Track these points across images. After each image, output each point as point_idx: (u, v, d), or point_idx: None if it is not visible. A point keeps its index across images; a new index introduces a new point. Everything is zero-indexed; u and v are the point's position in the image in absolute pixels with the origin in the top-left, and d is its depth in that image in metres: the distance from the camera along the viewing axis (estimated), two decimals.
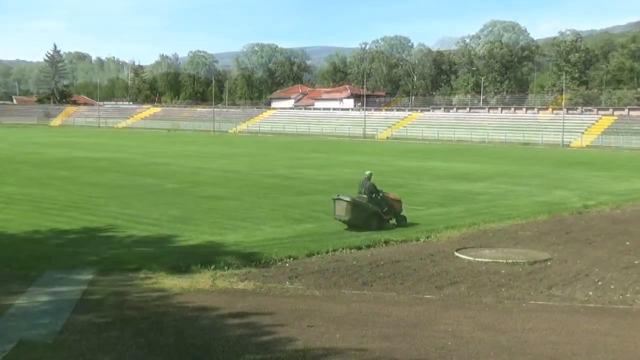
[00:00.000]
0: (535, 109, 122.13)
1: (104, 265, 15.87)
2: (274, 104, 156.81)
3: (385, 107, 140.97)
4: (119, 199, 28.06)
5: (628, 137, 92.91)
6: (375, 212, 22.50)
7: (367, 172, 23.65)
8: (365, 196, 22.65)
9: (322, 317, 12.14)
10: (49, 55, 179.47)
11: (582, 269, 16.81)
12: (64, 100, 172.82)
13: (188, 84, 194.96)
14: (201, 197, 29.12)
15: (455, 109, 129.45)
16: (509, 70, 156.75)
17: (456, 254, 18.30)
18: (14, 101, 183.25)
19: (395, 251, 18.66)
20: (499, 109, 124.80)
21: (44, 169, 41.33)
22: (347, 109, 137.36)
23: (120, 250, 17.79)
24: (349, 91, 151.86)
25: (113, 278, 14.93)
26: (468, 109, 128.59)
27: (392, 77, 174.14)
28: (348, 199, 22.12)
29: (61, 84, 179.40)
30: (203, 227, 21.53)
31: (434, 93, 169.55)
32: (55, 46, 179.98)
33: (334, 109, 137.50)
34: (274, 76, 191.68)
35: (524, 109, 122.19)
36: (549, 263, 17.53)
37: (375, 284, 15.05)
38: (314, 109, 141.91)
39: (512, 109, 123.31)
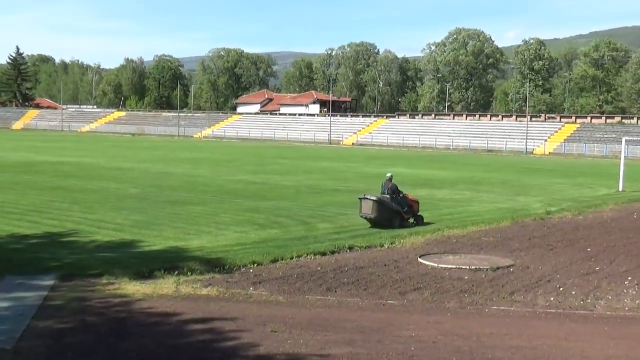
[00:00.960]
0: (500, 116, 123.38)
1: (65, 271, 15.66)
2: (240, 109, 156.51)
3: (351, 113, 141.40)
4: (81, 204, 27.77)
5: (590, 145, 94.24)
6: (397, 211, 24.04)
7: (389, 174, 25.48)
8: (388, 196, 24.10)
9: (285, 323, 12.12)
10: (11, 57, 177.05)
11: (544, 275, 16.97)
12: (27, 104, 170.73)
13: (153, 88, 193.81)
14: (165, 202, 28.92)
15: (420, 116, 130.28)
16: (473, 77, 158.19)
17: (420, 260, 18.38)
18: None
19: (359, 257, 18.68)
20: (464, 115, 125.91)
21: (4, 173, 40.76)
22: (313, 115, 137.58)
23: (82, 256, 17.58)
24: (314, 97, 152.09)
25: (75, 283, 14.76)
26: (433, 115, 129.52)
27: (358, 82, 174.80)
28: (374, 198, 23.62)
29: (24, 86, 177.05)
30: (167, 232, 21.38)
31: (399, 99, 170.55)
32: (17, 48, 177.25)
33: (299, 115, 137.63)
34: (239, 81, 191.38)
35: (489, 116, 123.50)
36: (511, 269, 17.67)
37: (339, 290, 15.06)
38: (280, 114, 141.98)
39: (477, 115, 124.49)
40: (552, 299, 14.76)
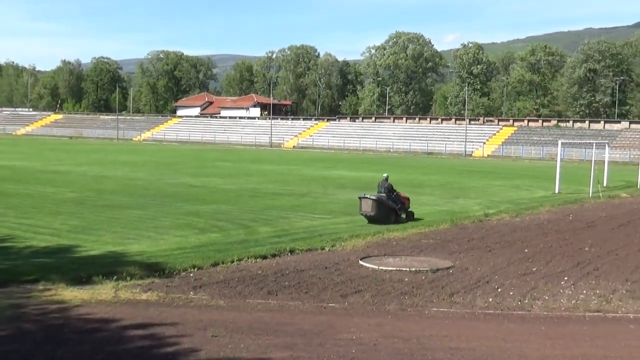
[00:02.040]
0: (439, 119, 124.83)
1: (0, 277, 15.33)
2: (180, 112, 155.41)
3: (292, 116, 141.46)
4: (16, 209, 27.22)
5: (527, 148, 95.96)
6: (393, 208, 26.18)
7: (385, 175, 27.71)
8: (384, 195, 26.11)
9: (226, 327, 12.05)
10: None
11: (482, 276, 17.18)
12: None
13: (91, 91, 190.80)
14: (103, 206, 28.53)
15: (361, 119, 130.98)
16: (413, 80, 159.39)
17: (361, 262, 18.45)
18: None
19: (301, 260, 18.68)
20: (404, 119, 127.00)
21: None
22: (254, 118, 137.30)
23: (17, 261, 17.24)
24: (255, 100, 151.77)
25: (10, 290, 14.47)
26: (374, 118, 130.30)
27: (298, 86, 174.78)
28: (374, 197, 25.71)
29: None
30: (105, 237, 21.09)
31: (340, 102, 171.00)
32: None
33: (240, 118, 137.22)
34: (179, 84, 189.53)
35: (428, 119, 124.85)
36: (451, 271, 17.86)
37: (280, 293, 15.03)
38: (220, 117, 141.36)
39: (417, 119, 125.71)
40: (490, 299, 14.95)
